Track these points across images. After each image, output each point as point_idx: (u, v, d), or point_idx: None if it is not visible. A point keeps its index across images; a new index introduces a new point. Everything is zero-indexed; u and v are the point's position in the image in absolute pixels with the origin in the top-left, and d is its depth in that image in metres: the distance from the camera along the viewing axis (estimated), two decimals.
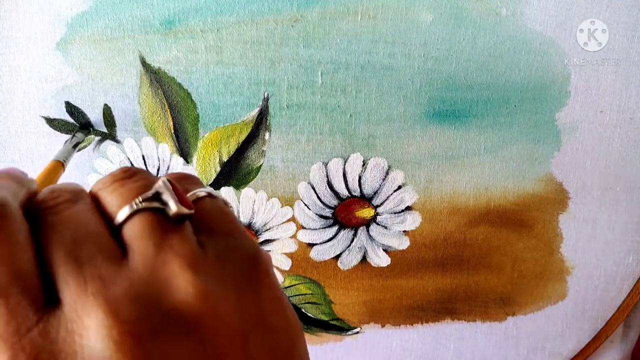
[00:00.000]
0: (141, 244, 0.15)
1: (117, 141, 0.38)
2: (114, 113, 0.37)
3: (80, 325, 0.14)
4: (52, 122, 0.37)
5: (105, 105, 0.37)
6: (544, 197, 0.39)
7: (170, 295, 0.14)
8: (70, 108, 0.37)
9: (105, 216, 0.16)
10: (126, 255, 0.15)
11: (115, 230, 0.16)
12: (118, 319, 0.13)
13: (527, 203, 0.40)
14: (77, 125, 0.37)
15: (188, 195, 0.18)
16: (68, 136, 0.37)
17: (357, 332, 0.44)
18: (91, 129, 0.38)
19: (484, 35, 0.35)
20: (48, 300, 0.14)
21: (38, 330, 0.13)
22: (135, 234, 0.16)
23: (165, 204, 0.16)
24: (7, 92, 0.37)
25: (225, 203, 0.19)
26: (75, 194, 0.17)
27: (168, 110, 0.37)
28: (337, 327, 0.44)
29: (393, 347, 0.45)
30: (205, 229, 0.17)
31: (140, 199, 0.16)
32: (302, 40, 0.35)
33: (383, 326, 0.44)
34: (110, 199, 0.17)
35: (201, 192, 0.18)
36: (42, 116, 0.37)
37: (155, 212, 0.16)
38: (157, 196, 0.16)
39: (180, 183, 0.18)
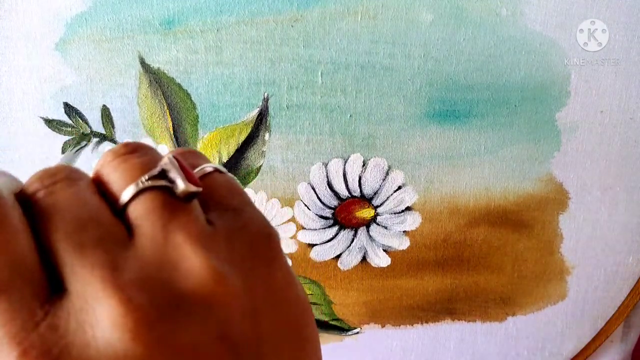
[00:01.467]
0: (148, 225, 0.15)
1: (115, 142, 0.38)
2: (112, 114, 0.37)
3: (91, 315, 0.13)
4: (51, 123, 0.37)
5: (104, 106, 0.37)
6: (544, 197, 0.39)
7: (181, 278, 0.14)
8: (69, 109, 0.37)
9: (109, 196, 0.15)
10: (132, 237, 0.14)
11: (120, 211, 0.15)
12: (131, 306, 0.13)
13: (527, 203, 0.40)
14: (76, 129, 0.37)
15: (195, 171, 0.17)
16: (66, 137, 0.37)
17: (357, 333, 0.44)
18: (92, 135, 0.37)
19: (484, 35, 0.35)
20: (52, 290, 0.13)
21: (46, 324, 0.13)
22: (141, 214, 0.15)
23: (172, 182, 0.15)
24: (6, 93, 0.37)
25: (234, 178, 0.18)
26: (71, 172, 0.16)
27: (167, 110, 0.37)
28: (337, 327, 0.44)
29: (393, 347, 0.45)
30: (214, 205, 0.16)
31: (146, 177, 0.15)
32: (302, 40, 0.35)
33: (383, 326, 0.44)
34: (113, 177, 0.16)
35: (208, 167, 0.17)
36: (40, 117, 0.37)
37: (162, 190, 0.15)
38: (163, 174, 0.16)
39: (187, 159, 0.17)
